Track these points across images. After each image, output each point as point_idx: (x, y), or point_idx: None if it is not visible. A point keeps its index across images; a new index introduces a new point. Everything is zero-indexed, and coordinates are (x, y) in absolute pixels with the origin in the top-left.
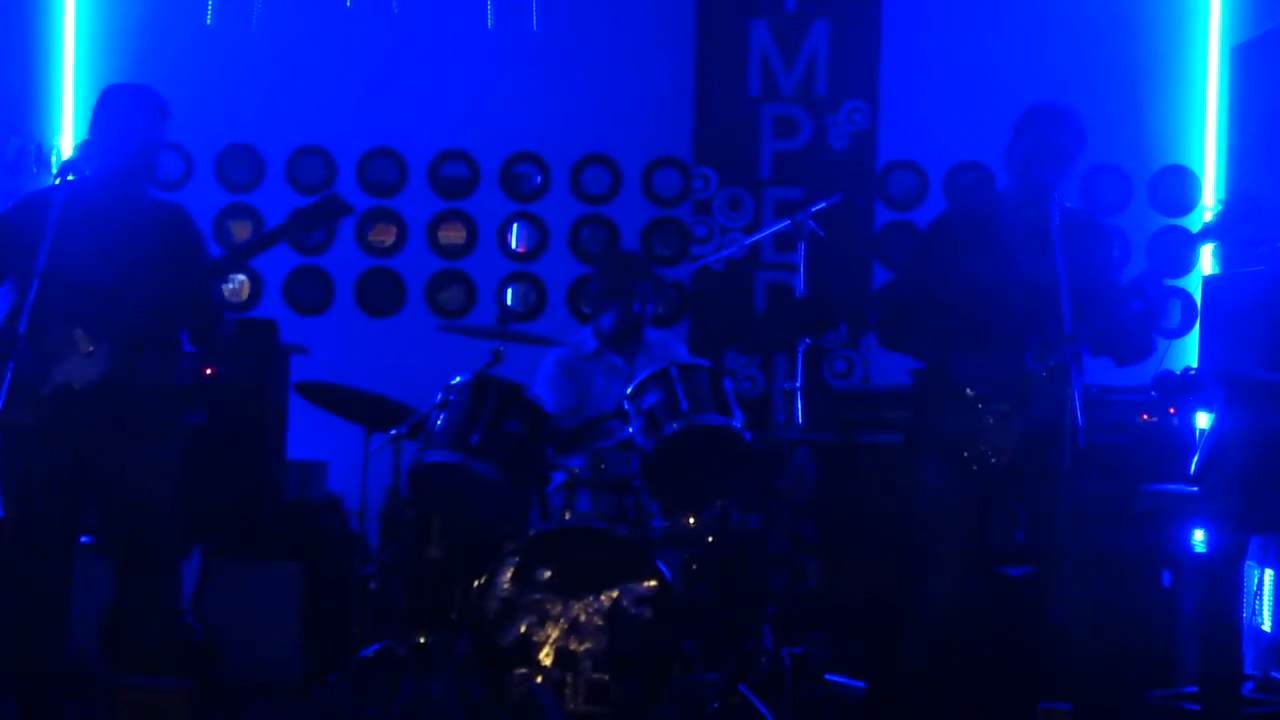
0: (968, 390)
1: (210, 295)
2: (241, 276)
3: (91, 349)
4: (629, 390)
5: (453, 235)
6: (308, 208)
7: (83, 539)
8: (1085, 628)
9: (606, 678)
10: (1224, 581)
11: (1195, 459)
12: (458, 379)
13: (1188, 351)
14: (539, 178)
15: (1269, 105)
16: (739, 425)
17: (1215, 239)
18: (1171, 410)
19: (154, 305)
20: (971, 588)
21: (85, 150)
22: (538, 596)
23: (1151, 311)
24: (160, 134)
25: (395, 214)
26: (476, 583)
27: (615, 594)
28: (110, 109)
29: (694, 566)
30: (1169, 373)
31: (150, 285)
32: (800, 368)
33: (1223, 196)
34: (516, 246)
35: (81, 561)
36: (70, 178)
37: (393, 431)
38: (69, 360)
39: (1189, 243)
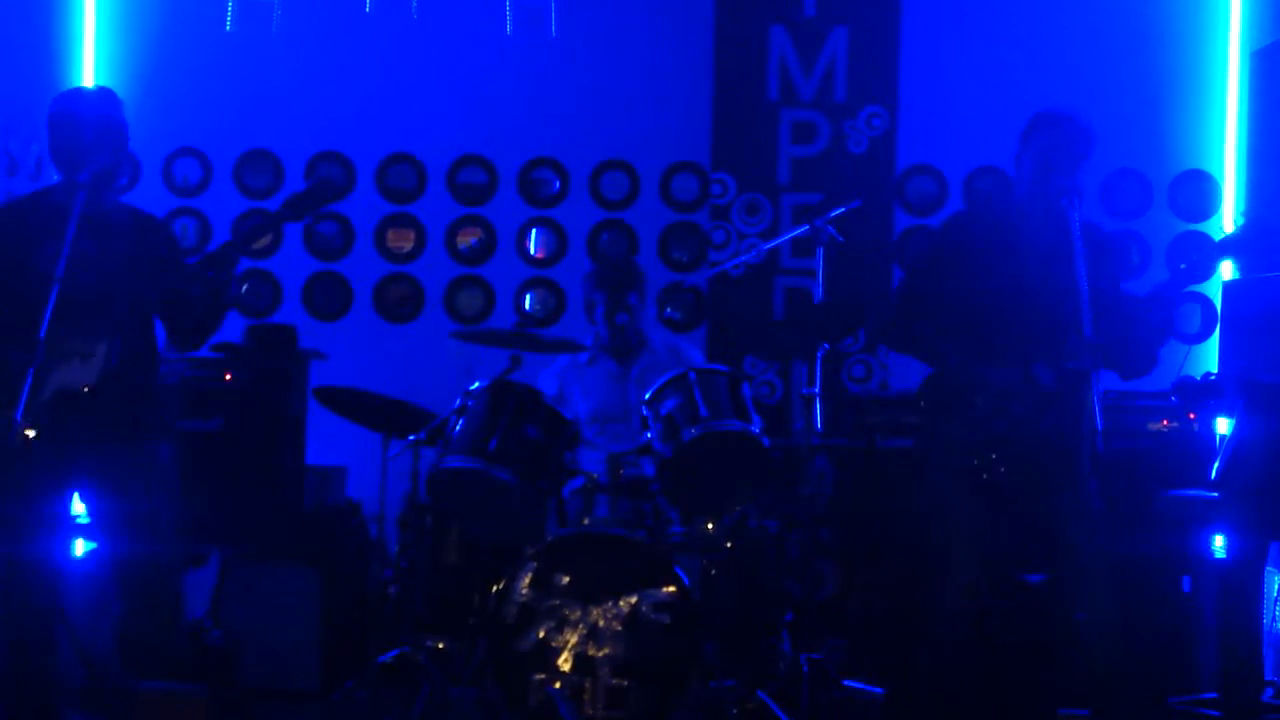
0: (978, 399)
1: (190, 294)
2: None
3: (87, 353)
4: (647, 395)
5: (470, 240)
6: (299, 194)
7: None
8: (1105, 633)
9: (625, 683)
10: (1244, 587)
11: (1215, 464)
12: (476, 384)
13: (1208, 357)
14: (557, 183)
15: None
16: (757, 430)
17: (1234, 255)
18: (1192, 416)
19: (134, 309)
20: (984, 593)
21: (56, 158)
22: (556, 602)
23: (1162, 325)
24: (126, 135)
25: (414, 219)
26: (495, 588)
27: (634, 599)
28: (71, 116)
29: (712, 572)
30: (1189, 378)
31: (128, 289)
32: (819, 373)
33: (1244, 209)
34: (535, 252)
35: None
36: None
37: (411, 437)
38: (66, 366)
39: (1209, 254)
